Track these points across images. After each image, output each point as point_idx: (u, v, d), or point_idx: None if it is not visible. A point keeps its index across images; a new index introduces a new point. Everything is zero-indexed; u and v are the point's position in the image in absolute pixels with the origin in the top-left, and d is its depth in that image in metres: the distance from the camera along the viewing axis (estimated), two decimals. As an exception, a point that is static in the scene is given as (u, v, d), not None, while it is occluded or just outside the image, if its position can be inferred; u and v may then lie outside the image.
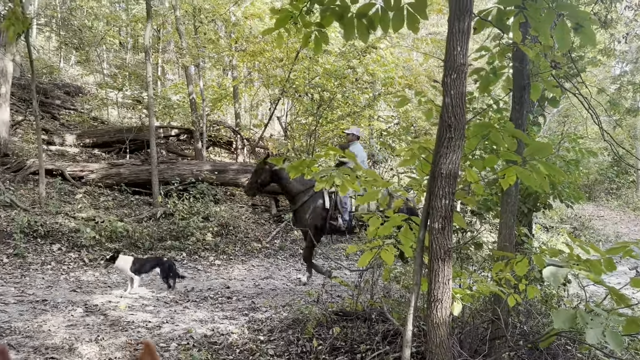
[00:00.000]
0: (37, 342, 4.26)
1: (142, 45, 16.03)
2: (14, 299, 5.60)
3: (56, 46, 18.73)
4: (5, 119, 10.92)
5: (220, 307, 5.88)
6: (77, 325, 4.80)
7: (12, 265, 6.92)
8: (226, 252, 8.88)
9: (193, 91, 13.18)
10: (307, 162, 3.63)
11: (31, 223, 7.67)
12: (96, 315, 5.19)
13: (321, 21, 2.64)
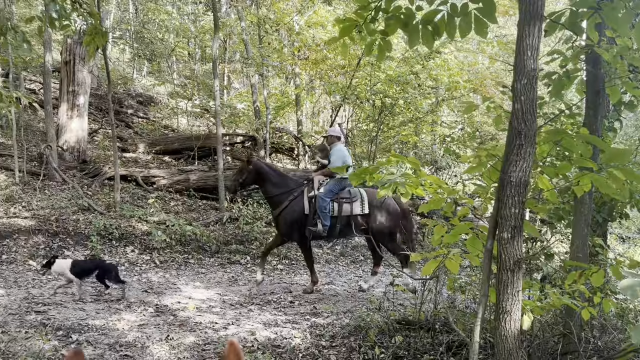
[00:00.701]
0: (112, 340, 4.51)
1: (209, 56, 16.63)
2: (91, 298, 5.95)
3: (130, 58, 19.80)
4: (84, 128, 11.67)
5: (283, 311, 5.97)
6: (148, 325, 5.04)
7: (90, 265, 7.36)
8: (288, 257, 9.01)
9: (257, 99, 13.52)
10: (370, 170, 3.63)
11: (107, 226, 8.13)
12: (166, 315, 5.42)
13: (385, 29, 2.64)
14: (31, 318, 4.99)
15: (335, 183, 6.89)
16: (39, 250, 7.39)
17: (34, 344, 4.11)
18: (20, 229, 7.78)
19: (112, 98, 10.06)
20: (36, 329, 4.58)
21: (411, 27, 2.58)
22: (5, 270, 6.73)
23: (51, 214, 8.42)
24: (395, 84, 10.84)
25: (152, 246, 8.15)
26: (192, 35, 17.24)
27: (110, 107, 9.49)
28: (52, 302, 5.56)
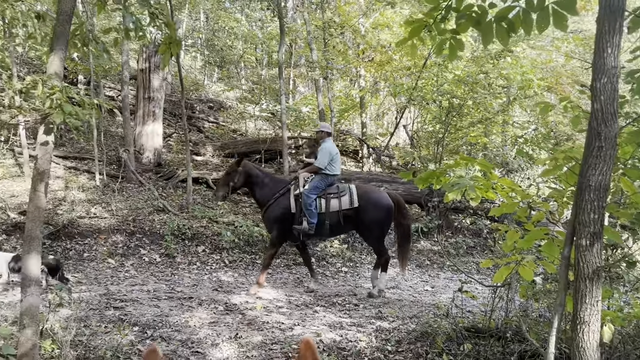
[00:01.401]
0: (185, 336, 4.68)
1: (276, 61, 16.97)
2: (165, 295, 6.22)
3: (201, 65, 20.57)
4: (159, 132, 12.24)
5: (348, 314, 5.96)
6: (218, 323, 5.19)
7: (163, 264, 7.71)
8: (352, 260, 9.00)
9: (321, 102, 13.62)
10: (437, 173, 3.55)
11: (180, 226, 8.48)
12: (235, 313, 5.57)
13: (456, 28, 2.58)
14: (110, 313, 5.29)
15: (320, 179, 6.70)
16: (118, 249, 7.82)
17: (113, 338, 4.34)
18: (100, 229, 8.28)
19: (184, 104, 10.49)
20: (114, 324, 4.84)
21: (484, 25, 2.50)
22: (87, 268, 7.18)
23: (129, 215, 8.89)
24: (463, 84, 10.56)
25: (222, 246, 8.40)
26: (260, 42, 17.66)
27: (184, 112, 9.89)
28: (129, 299, 5.86)
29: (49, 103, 2.84)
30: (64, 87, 3.09)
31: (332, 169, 6.75)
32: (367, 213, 6.60)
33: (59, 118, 2.83)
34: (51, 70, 3.20)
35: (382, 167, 14.09)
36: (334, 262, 8.74)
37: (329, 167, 6.72)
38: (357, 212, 6.59)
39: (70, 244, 7.70)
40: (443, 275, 8.41)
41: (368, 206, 6.61)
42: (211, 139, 15.04)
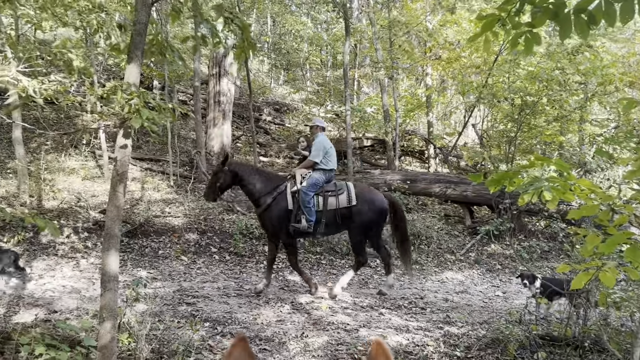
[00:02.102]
0: (253, 334, 4.79)
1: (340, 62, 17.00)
2: (234, 292, 6.39)
3: (268, 68, 21.01)
4: (228, 135, 12.61)
5: (415, 318, 5.86)
6: (285, 321, 5.27)
7: (232, 262, 7.93)
8: (418, 263, 8.84)
9: (387, 102, 13.50)
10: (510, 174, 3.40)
11: (248, 225, 8.69)
12: (301, 313, 5.62)
13: (532, 22, 2.46)
14: (182, 309, 5.50)
15: (318, 176, 6.47)
16: (190, 247, 8.12)
17: (185, 333, 4.51)
18: (174, 227, 8.64)
19: (252, 107, 10.75)
20: (187, 320, 5.03)
21: (562, 17, 2.36)
22: (161, 265, 7.51)
23: (200, 214, 9.22)
24: (537, 80, 10.09)
25: (287, 246, 8.51)
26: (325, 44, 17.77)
27: (251, 115, 10.13)
28: (201, 295, 6.07)
29: (128, 108, 2.99)
30: (141, 92, 3.24)
31: (328, 164, 6.58)
32: (362, 212, 6.43)
33: (138, 123, 2.97)
34: (129, 77, 3.37)
35: (450, 168, 13.76)
36: (400, 264, 8.62)
37: (325, 162, 6.55)
38: (352, 211, 6.43)
39: (146, 242, 8.09)
40: (515, 281, 8.07)
41: (363, 206, 6.45)
42: (277, 141, 15.32)
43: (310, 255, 8.51)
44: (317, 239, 8.47)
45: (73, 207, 8.63)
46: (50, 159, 10.55)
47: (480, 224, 10.62)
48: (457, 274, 8.65)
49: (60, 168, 10.33)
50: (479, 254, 9.65)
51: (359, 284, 7.45)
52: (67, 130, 11.78)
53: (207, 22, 2.90)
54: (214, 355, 4.23)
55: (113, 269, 3.41)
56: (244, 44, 2.93)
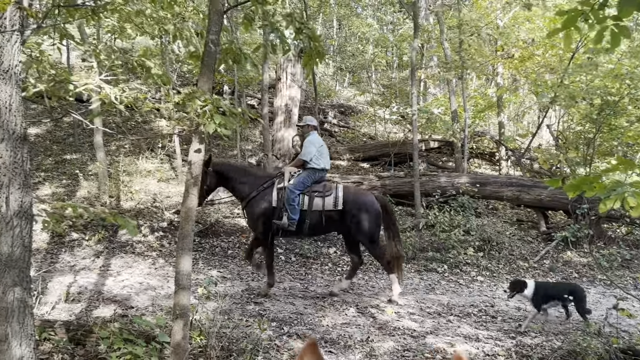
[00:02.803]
0: (318, 335, 4.82)
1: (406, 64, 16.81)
2: (300, 294, 6.46)
3: (333, 71, 21.13)
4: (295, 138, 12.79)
5: (484, 326, 5.67)
6: (350, 324, 5.26)
7: (298, 263, 8.02)
8: (489, 269, 8.54)
9: (455, 103, 13.17)
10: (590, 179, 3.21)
11: (313, 228, 8.75)
12: (366, 317, 5.59)
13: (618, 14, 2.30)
14: (250, 308, 5.63)
15: (307, 175, 6.32)
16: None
17: (253, 332, 4.61)
18: (243, 228, 8.87)
19: (317, 110, 10.84)
20: (254, 319, 5.14)
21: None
22: (230, 264, 7.72)
23: (266, 216, 9.41)
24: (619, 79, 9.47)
25: (353, 249, 8.50)
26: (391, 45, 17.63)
27: (316, 118, 10.21)
28: (268, 295, 6.19)
29: (202, 114, 3.10)
30: (214, 99, 3.35)
31: (319, 163, 6.42)
32: (354, 217, 6.24)
33: (211, 128, 3.07)
34: (203, 84, 3.49)
35: (522, 171, 13.21)
36: (468, 270, 8.37)
37: (316, 161, 6.40)
38: (343, 215, 6.24)
39: (216, 242, 8.36)
40: (594, 290, 7.62)
41: (355, 210, 6.24)
42: (342, 143, 15.35)
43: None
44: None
45: (149, 207, 9.07)
46: (128, 162, 11.16)
47: (555, 229, 10.11)
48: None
49: (137, 170, 10.90)
50: (553, 261, 9.19)
51: (425, 290, 7.31)
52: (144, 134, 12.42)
53: (277, 30, 2.95)
54: (280, 355, 4.29)
55: (186, 267, 3.55)
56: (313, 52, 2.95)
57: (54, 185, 9.60)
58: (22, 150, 2.46)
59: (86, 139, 11.80)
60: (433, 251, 8.79)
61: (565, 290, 5.73)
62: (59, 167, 10.62)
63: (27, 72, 3.46)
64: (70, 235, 7.48)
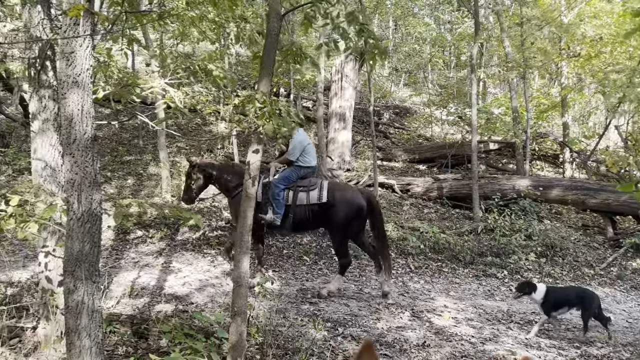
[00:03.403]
0: (373, 338, 4.78)
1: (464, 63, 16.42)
2: (354, 295, 6.44)
3: (388, 72, 20.96)
4: (349, 139, 12.78)
5: (547, 334, 5.45)
6: (405, 328, 5.19)
7: (352, 265, 7.99)
8: (552, 275, 8.19)
9: (516, 103, 12.74)
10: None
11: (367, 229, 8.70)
12: (422, 321, 5.50)
13: (701, 9, 2.15)
14: (305, 308, 5.67)
15: (292, 171, 6.30)
16: (312, 248, 8.34)
17: (308, 331, 4.64)
18: (297, 228, 8.95)
19: (372, 111, 10.77)
20: (309, 319, 5.17)
21: None
22: (285, 264, 7.81)
23: (321, 216, 9.45)
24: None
25: (407, 251, 8.40)
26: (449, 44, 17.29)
27: (372, 119, 10.17)
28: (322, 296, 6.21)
29: (261, 115, 3.15)
30: (272, 101, 3.40)
31: (305, 161, 6.36)
32: (336, 211, 6.11)
33: (270, 129, 3.12)
34: (261, 86, 3.55)
35: (588, 174, 12.59)
36: (530, 276, 8.06)
37: (302, 159, 6.36)
38: (326, 209, 6.14)
39: (272, 241, 8.47)
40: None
41: (336, 204, 6.12)
42: (397, 145, 15.20)
43: (431, 262, 8.30)
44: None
45: (208, 207, 9.32)
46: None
47: (624, 235, 9.57)
48: (597, 290, 7.87)
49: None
50: (622, 268, 8.70)
51: (484, 295, 7.10)
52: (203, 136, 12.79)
53: (339, 28, 2.96)
54: (335, 356, 4.29)
55: (244, 267, 3.62)
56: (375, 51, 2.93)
57: (119, 184, 10.06)
58: (92, 150, 2.59)
59: (150, 141, 12.30)
60: (492, 256, 8.54)
61: (577, 297, 5.48)
62: (124, 167, 11.11)
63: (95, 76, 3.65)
64: (135, 232, 7.80)
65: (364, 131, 15.42)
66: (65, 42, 2.40)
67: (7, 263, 6.26)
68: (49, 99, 3.71)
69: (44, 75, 3.62)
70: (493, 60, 16.58)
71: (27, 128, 11.79)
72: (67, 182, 2.54)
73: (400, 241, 8.63)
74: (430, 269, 8.11)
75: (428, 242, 8.63)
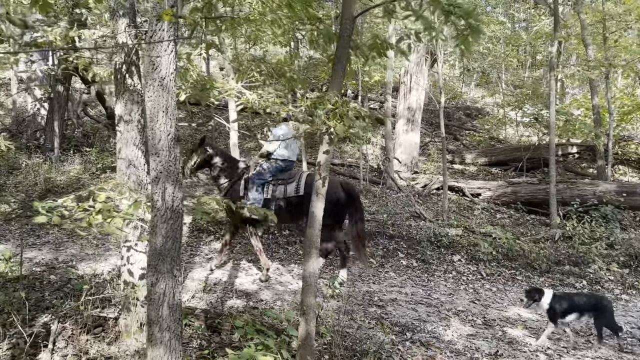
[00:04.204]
0: (442, 344, 4.67)
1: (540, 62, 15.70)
2: (422, 300, 6.33)
3: (459, 72, 20.45)
4: (417, 141, 12.61)
5: (630, 349, 5.10)
6: (476, 336, 5.03)
7: (420, 269, 7.86)
8: (636, 287, 7.65)
9: (598, 104, 12.02)
10: None
11: (436, 233, 8.53)
12: (494, 329, 5.31)
13: None
14: (372, 310, 5.63)
15: (269, 165, 6.32)
16: (378, 251, 8.29)
17: (375, 334, 4.60)
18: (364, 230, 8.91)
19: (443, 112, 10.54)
20: (376, 321, 5.14)
21: None
22: (352, 265, 7.80)
23: (387, 219, 9.37)
24: None
25: (479, 257, 8.14)
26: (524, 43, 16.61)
27: (442, 121, 9.95)
28: (389, 299, 6.15)
29: (333, 116, 3.17)
30: (344, 101, 3.42)
31: (282, 155, 6.34)
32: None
33: (341, 130, 3.13)
34: (333, 87, 3.58)
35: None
36: (611, 287, 7.58)
37: (280, 152, 6.34)
38: (304, 202, 5.82)
39: (338, 243, 8.50)
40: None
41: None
42: (468, 147, 14.79)
43: (504, 269, 7.99)
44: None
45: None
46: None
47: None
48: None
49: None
50: None
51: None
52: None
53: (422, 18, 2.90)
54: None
55: (313, 267, 3.65)
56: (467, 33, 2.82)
57: (194, 183, 10.48)
58: (175, 150, 2.71)
59: (223, 141, 12.72)
60: (570, 265, 8.10)
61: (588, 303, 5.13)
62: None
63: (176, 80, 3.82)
64: (208, 229, 8.09)
65: (433, 133, 15.14)
66: (152, 47, 2.53)
67: (91, 256, 6.70)
68: (133, 102, 3.93)
69: (130, 79, 3.84)
70: (571, 59, 15.73)
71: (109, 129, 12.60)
72: (151, 180, 2.68)
73: (471, 247, 8.39)
74: (503, 277, 7.82)
75: (501, 249, 8.32)
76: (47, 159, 10.43)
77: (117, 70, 3.79)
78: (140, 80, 3.94)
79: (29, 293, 4.83)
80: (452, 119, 16.19)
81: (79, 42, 5.13)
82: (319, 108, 3.49)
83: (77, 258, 6.63)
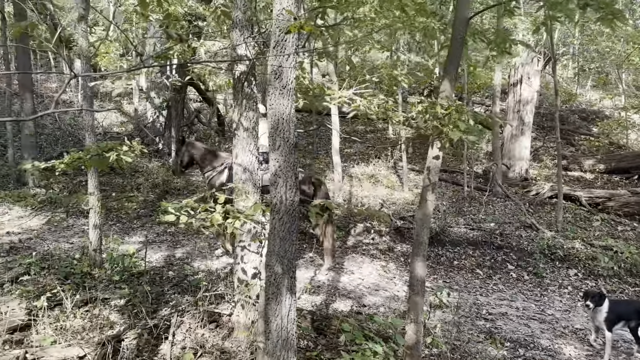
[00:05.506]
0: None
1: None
2: (535, 316, 5.96)
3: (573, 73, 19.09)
4: (527, 146, 11.93)
5: None
6: (597, 357, 4.64)
7: (531, 283, 7.41)
8: None
9: None
10: None
11: (550, 245, 8.00)
12: (617, 350, 4.87)
13: None
14: (480, 324, 5.41)
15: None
16: (485, 261, 7.96)
17: (484, 349, 4.41)
18: (468, 239, 8.60)
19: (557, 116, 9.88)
20: (485, 335, 4.92)
21: None
22: (456, 275, 7.56)
23: (495, 228, 8.95)
24: None
25: (598, 272, 7.51)
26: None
27: (557, 125, 9.32)
28: (498, 313, 5.87)
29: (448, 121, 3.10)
30: (457, 105, 3.33)
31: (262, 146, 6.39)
32: None
33: (456, 135, 3.05)
34: (445, 90, 3.50)
35: None
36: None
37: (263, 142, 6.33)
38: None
39: (441, 251, 8.28)
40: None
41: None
42: (584, 153, 13.73)
43: (627, 286, 7.28)
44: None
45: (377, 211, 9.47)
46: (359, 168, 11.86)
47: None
48: None
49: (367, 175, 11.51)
50: None
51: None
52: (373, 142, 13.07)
53: (557, 4, 2.75)
54: (515, 379, 4.02)
55: (420, 273, 3.58)
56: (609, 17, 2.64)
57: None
58: (293, 156, 2.81)
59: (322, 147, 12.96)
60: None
61: (636, 311, 4.78)
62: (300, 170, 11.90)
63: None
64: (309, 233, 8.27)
65: (544, 137, 14.26)
66: (274, 57, 2.64)
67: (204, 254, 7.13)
68: (249, 110, 4.13)
69: (247, 88, 4.04)
70: None
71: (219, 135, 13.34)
72: (270, 184, 2.79)
73: (589, 261, 7.75)
74: (626, 294, 7.14)
75: (624, 264, 7.60)
76: (165, 162, 11.28)
77: (237, 79, 3.99)
78: (256, 90, 4.13)
79: (151, 287, 5.24)
80: (566, 123, 15.13)
81: (197, 54, 5.51)
82: (430, 113, 3.43)
83: (192, 256, 7.09)
